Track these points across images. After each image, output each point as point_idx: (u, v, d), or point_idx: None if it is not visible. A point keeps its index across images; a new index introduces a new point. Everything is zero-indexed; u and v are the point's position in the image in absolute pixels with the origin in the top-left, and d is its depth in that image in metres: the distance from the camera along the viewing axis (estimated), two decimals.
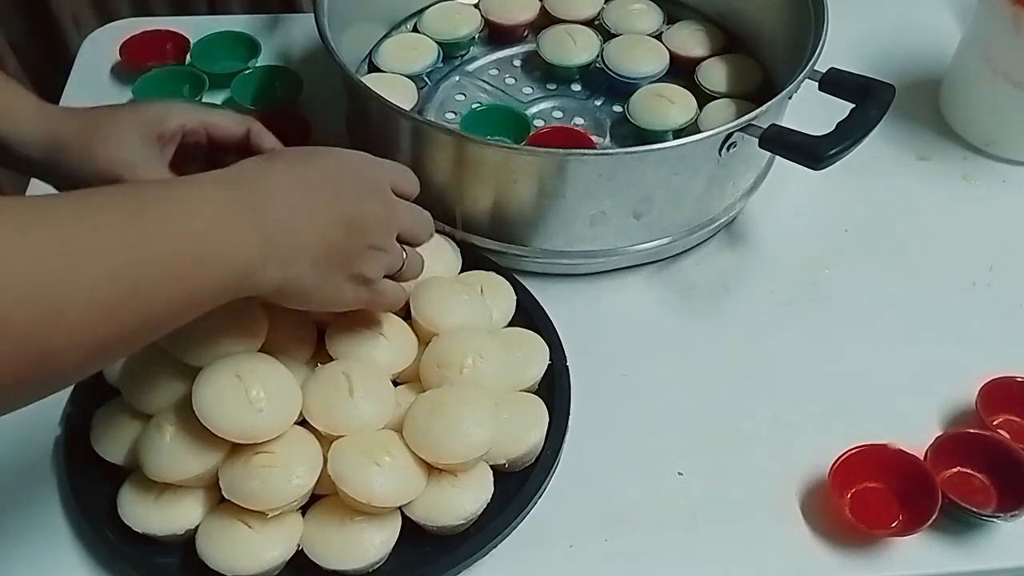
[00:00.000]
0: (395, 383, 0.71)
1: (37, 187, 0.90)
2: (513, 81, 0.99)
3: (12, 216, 0.45)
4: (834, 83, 0.81)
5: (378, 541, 0.64)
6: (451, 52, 0.99)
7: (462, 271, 0.79)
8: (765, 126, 0.76)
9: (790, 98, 0.80)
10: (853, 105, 0.77)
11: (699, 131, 0.80)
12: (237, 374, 0.63)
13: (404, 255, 0.66)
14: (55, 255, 0.46)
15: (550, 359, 0.75)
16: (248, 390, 0.62)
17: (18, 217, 0.46)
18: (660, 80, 0.95)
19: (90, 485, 0.68)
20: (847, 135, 0.74)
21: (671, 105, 0.91)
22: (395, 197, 0.65)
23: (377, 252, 0.63)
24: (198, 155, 0.71)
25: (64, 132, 0.67)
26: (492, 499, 0.67)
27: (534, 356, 0.74)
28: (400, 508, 0.65)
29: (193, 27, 1.03)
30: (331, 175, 0.61)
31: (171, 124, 0.69)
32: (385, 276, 0.65)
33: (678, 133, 0.90)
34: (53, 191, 0.68)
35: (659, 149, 0.78)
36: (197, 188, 0.55)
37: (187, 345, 0.65)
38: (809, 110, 0.80)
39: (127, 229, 0.49)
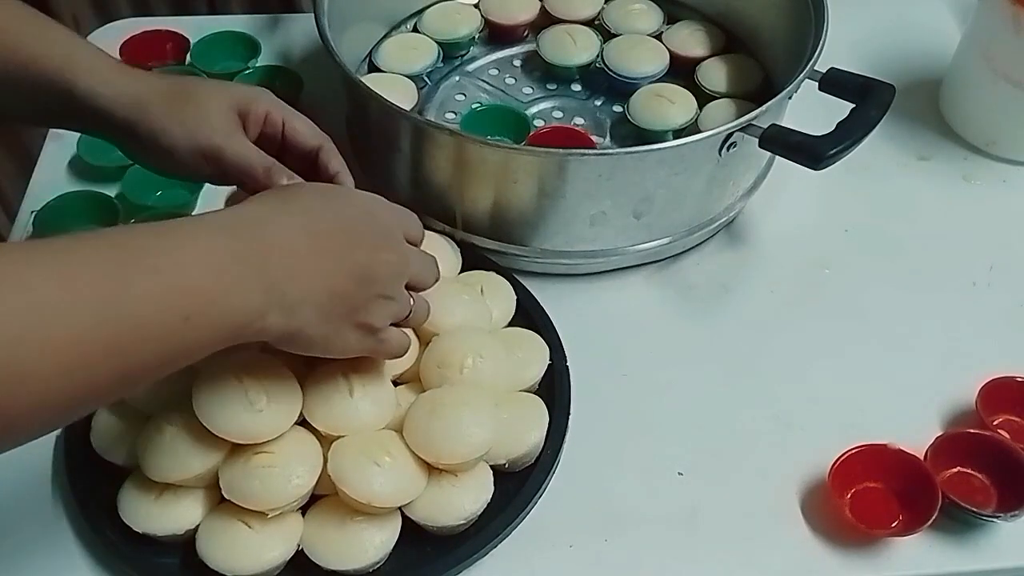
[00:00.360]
0: (395, 383, 0.71)
1: (44, 166, 0.91)
2: (513, 81, 0.99)
3: None
4: (834, 83, 0.81)
5: (378, 541, 0.64)
6: (451, 52, 0.99)
7: (462, 271, 0.79)
8: (765, 126, 0.76)
9: (790, 98, 0.80)
10: (853, 105, 0.77)
11: (699, 131, 0.80)
12: (237, 374, 0.63)
13: (411, 302, 0.65)
14: (23, 317, 0.44)
15: (550, 359, 0.75)
16: (248, 390, 0.63)
17: None
18: (660, 80, 0.95)
19: (90, 485, 0.68)
20: (847, 135, 0.74)
21: (671, 105, 0.91)
22: (407, 245, 0.64)
23: (386, 301, 0.62)
24: (269, 151, 0.68)
25: (153, 92, 0.65)
26: (492, 499, 0.67)
27: (534, 356, 0.74)
28: (400, 508, 0.65)
29: (193, 27, 1.03)
30: (347, 221, 0.60)
31: (258, 107, 0.67)
32: (391, 324, 0.64)
33: (678, 133, 0.90)
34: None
35: (659, 149, 0.78)
36: (194, 236, 0.53)
37: None
38: (809, 110, 0.80)
39: (107, 286, 0.47)
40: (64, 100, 0.64)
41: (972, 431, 0.73)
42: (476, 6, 1.02)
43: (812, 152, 0.73)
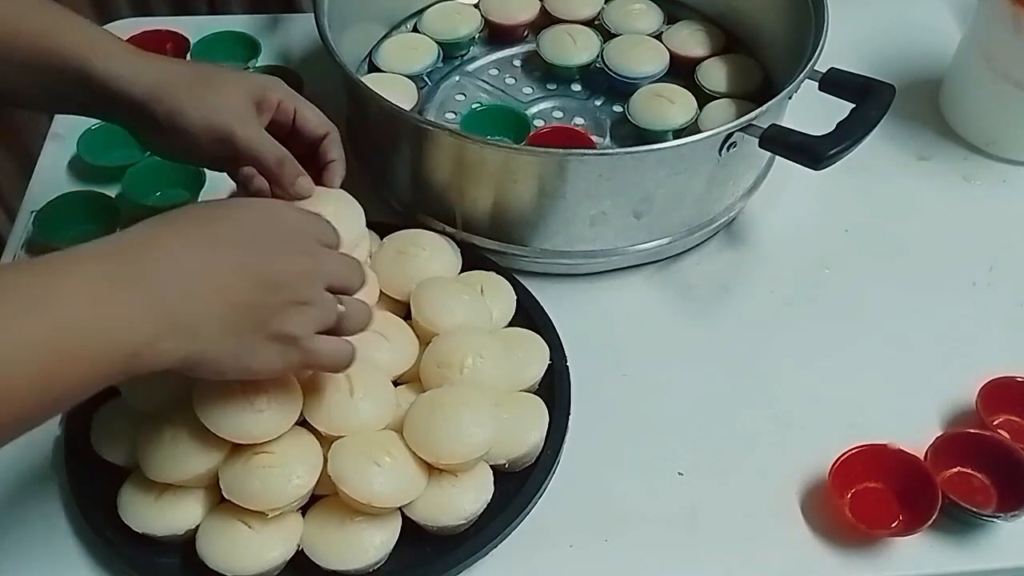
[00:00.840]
0: (395, 383, 0.71)
1: (44, 166, 0.91)
2: (513, 81, 0.99)
3: None
4: (834, 83, 0.81)
5: (378, 541, 0.64)
6: (451, 52, 0.99)
7: (462, 271, 0.79)
8: (765, 126, 0.76)
9: (790, 98, 0.80)
10: (853, 105, 0.77)
11: (699, 131, 0.80)
12: None
13: (340, 307, 0.60)
14: None
15: (550, 359, 0.75)
16: (248, 390, 0.62)
17: None
18: (660, 80, 0.95)
19: (90, 485, 0.68)
20: (847, 135, 0.74)
21: (671, 105, 0.91)
22: (319, 247, 0.60)
23: (301, 307, 0.57)
24: (278, 137, 0.70)
25: (173, 74, 0.66)
26: (492, 499, 0.67)
27: (534, 356, 0.74)
28: (400, 508, 0.65)
29: (193, 27, 1.03)
30: (240, 230, 0.57)
31: (272, 96, 0.69)
32: (324, 332, 0.59)
33: (678, 133, 0.90)
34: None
35: (659, 149, 0.78)
36: (70, 266, 0.50)
37: None
38: (809, 110, 0.80)
39: None
40: (82, 84, 0.65)
41: (972, 431, 0.73)
42: (476, 6, 1.02)
43: (812, 152, 0.73)
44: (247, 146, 0.66)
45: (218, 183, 0.73)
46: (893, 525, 0.70)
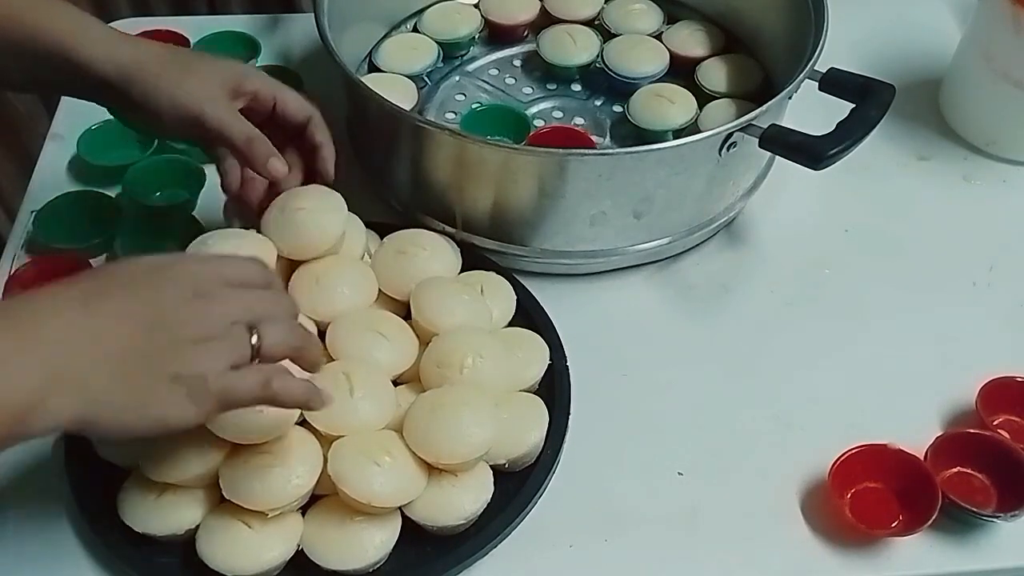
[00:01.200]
0: (395, 383, 0.71)
1: (44, 166, 0.91)
2: (513, 81, 0.99)
3: None
4: (834, 83, 0.81)
5: (378, 541, 0.64)
6: (451, 52, 0.99)
7: (462, 271, 0.79)
8: (765, 126, 0.76)
9: (790, 98, 0.80)
10: (853, 105, 0.77)
11: (699, 131, 0.80)
12: None
13: (255, 337, 0.54)
14: None
15: (550, 359, 0.75)
16: None
17: None
18: (660, 80, 0.95)
19: (90, 485, 0.68)
20: (847, 135, 0.74)
21: (671, 105, 0.91)
22: (223, 287, 0.55)
23: (205, 344, 0.53)
24: (255, 123, 0.71)
25: (149, 56, 0.68)
26: (492, 499, 0.67)
27: (534, 356, 0.74)
28: (400, 508, 0.65)
29: (193, 27, 1.03)
30: (123, 280, 0.54)
31: (248, 84, 0.71)
32: (245, 366, 0.54)
33: (678, 133, 0.90)
34: None
35: (659, 149, 0.78)
36: None
37: None
38: (809, 110, 0.80)
39: None
40: (62, 65, 0.66)
41: (972, 431, 0.73)
42: (476, 6, 1.02)
43: (812, 152, 0.73)
44: (216, 126, 0.68)
45: (217, 182, 0.73)
46: (893, 525, 0.70)
